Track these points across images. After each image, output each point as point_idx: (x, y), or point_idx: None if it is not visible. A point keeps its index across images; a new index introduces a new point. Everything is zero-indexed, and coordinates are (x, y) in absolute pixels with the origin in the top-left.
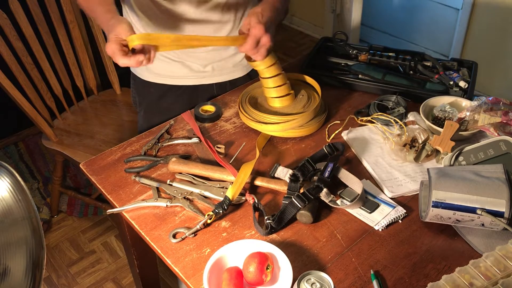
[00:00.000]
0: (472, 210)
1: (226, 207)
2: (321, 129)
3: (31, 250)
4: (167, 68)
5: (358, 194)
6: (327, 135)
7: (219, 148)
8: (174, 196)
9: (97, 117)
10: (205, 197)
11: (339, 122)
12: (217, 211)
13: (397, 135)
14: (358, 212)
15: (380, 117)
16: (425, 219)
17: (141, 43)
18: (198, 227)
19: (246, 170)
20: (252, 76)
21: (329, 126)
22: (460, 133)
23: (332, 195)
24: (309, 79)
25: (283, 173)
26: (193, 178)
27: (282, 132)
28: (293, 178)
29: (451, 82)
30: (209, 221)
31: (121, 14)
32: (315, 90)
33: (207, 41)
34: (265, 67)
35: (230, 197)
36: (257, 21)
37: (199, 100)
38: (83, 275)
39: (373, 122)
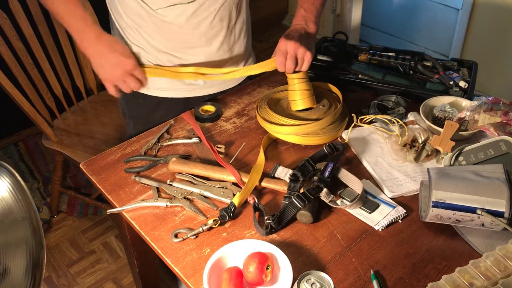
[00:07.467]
0: (472, 210)
1: (231, 214)
2: None
3: (31, 250)
4: (156, 80)
5: (358, 194)
6: None
7: (219, 148)
8: (174, 196)
9: (97, 117)
10: (205, 197)
11: None
12: (222, 217)
13: (397, 135)
14: (358, 212)
15: (380, 117)
16: (425, 219)
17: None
18: (201, 229)
19: (254, 179)
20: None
21: None
22: (460, 133)
23: (332, 195)
24: (333, 88)
25: (283, 173)
26: (193, 178)
27: (296, 137)
28: (293, 178)
29: (451, 82)
30: (214, 226)
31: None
32: (338, 100)
33: (243, 72)
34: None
35: (237, 204)
36: (282, 39)
37: None
38: (83, 275)
39: (373, 122)
